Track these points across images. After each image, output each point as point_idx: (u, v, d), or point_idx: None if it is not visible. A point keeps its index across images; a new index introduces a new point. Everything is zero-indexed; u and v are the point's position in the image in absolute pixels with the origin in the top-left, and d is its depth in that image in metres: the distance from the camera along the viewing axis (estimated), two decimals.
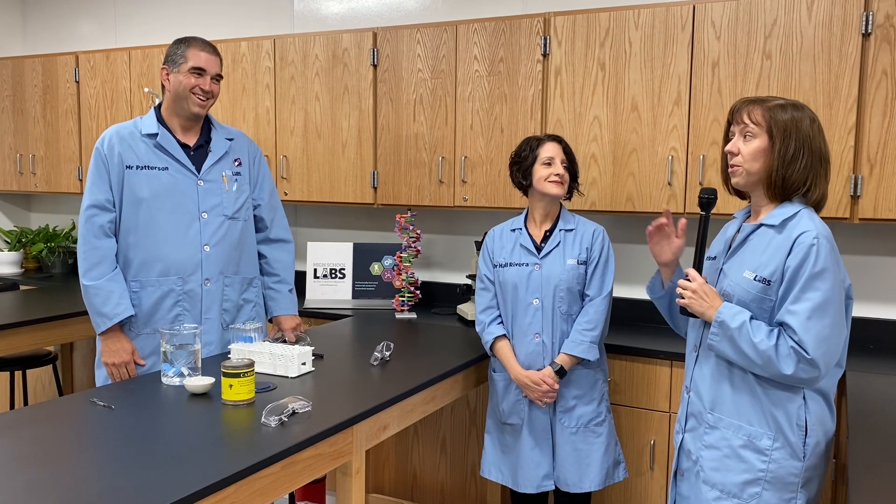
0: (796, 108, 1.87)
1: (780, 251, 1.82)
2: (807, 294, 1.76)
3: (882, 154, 2.69)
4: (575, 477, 2.56)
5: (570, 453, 2.56)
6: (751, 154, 1.88)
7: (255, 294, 2.81)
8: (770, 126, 1.85)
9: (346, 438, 2.03)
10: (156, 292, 2.58)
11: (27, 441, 1.76)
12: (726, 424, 1.90)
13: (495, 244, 2.69)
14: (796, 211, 1.86)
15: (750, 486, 1.85)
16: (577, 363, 2.55)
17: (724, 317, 1.84)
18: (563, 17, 3.13)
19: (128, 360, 2.54)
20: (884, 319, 3.02)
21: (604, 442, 2.58)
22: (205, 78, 2.57)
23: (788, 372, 1.77)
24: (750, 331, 1.80)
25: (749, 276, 1.85)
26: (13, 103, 4.60)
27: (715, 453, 1.91)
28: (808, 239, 1.78)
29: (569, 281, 2.55)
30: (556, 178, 2.56)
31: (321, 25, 4.08)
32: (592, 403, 2.58)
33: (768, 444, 1.84)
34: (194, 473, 1.59)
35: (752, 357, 1.81)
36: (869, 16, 2.66)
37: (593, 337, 2.53)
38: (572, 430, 2.56)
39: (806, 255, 1.77)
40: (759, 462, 1.84)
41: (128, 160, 2.56)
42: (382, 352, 2.59)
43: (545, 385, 2.51)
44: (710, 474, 1.91)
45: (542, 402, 2.55)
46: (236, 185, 2.70)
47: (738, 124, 1.91)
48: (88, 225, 2.53)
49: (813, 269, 1.76)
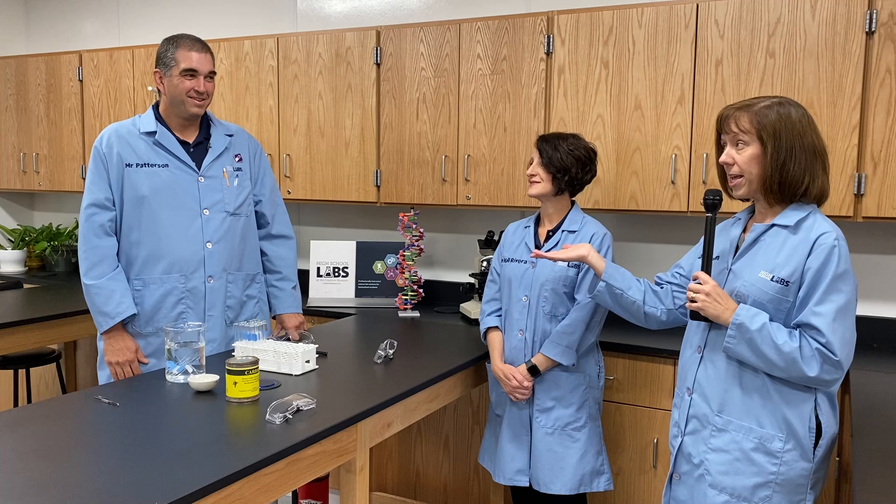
0: (781, 104, 1.85)
1: (798, 252, 1.81)
2: (831, 296, 1.77)
3: (886, 152, 2.69)
4: (546, 477, 2.55)
5: (544, 453, 2.56)
6: (746, 163, 1.87)
7: (258, 290, 2.81)
8: (759, 131, 1.84)
9: (351, 436, 2.03)
10: (158, 290, 2.58)
11: (32, 438, 1.77)
12: (736, 427, 1.88)
13: (507, 239, 2.72)
14: (808, 212, 1.85)
15: (761, 490, 1.84)
16: (554, 365, 2.54)
17: (742, 319, 1.82)
18: (567, 16, 3.13)
19: (132, 358, 2.54)
20: (888, 318, 3.02)
21: (581, 448, 2.55)
22: (198, 79, 2.55)
23: (813, 374, 1.76)
24: (771, 333, 1.79)
25: (766, 277, 1.83)
26: (17, 102, 4.61)
27: (724, 456, 1.89)
28: (830, 240, 1.78)
29: (555, 282, 2.54)
30: (532, 178, 2.58)
31: (324, 24, 4.08)
32: (571, 407, 2.56)
33: (780, 447, 1.83)
34: (199, 470, 1.59)
35: (773, 359, 1.79)
36: (873, 14, 2.66)
37: (570, 341, 2.51)
38: (548, 430, 2.56)
39: (828, 257, 1.77)
40: (770, 465, 1.83)
41: (127, 158, 2.55)
42: (386, 350, 2.59)
43: (514, 381, 2.54)
44: (719, 478, 1.89)
45: (514, 398, 2.57)
46: (237, 181, 2.70)
47: (728, 133, 1.90)
48: (89, 224, 2.52)
49: (836, 270, 1.77)
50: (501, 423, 2.66)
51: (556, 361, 2.52)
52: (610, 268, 2.21)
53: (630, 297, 2.17)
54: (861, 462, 1.69)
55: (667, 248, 3.38)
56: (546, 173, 2.56)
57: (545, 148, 2.57)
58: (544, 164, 2.56)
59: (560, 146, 2.55)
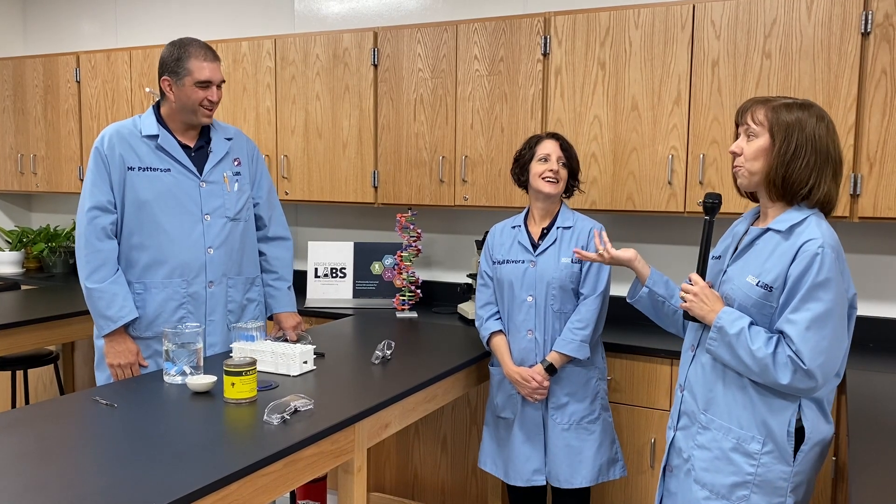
0: (802, 108, 1.83)
1: (783, 258, 1.80)
2: (808, 304, 1.74)
3: (881, 153, 2.70)
4: (566, 473, 2.57)
5: (561, 449, 2.57)
6: (752, 153, 1.86)
7: (257, 293, 2.82)
8: (772, 125, 1.83)
9: (348, 436, 2.04)
10: (160, 294, 2.57)
11: (30, 439, 1.77)
12: (717, 426, 1.89)
13: (495, 241, 2.71)
14: (804, 217, 1.82)
15: (738, 489, 1.85)
16: (568, 361, 2.56)
17: (722, 322, 1.84)
18: (564, 17, 3.14)
19: (133, 360, 2.54)
20: (884, 318, 3.03)
21: (597, 439, 2.58)
22: (211, 89, 2.55)
23: (785, 381, 1.76)
24: (748, 338, 1.79)
25: (751, 282, 1.84)
26: (14, 103, 4.61)
27: (706, 454, 1.91)
28: (813, 247, 1.75)
29: (561, 279, 2.56)
30: (550, 175, 2.57)
31: (322, 25, 4.09)
32: (585, 401, 2.59)
33: (757, 448, 1.83)
34: (197, 471, 1.60)
35: (748, 364, 1.80)
36: (868, 15, 2.66)
37: (584, 336, 2.53)
38: (564, 426, 2.57)
39: (809, 264, 1.74)
40: (747, 465, 1.84)
41: (129, 161, 2.53)
42: (383, 351, 2.60)
43: (534, 382, 2.53)
44: (701, 474, 1.92)
45: (533, 399, 2.57)
46: (237, 185, 2.70)
47: (743, 125, 1.90)
48: (91, 227, 2.50)
49: (815, 278, 1.73)
50: (512, 426, 2.64)
51: (570, 357, 2.53)
52: (654, 274, 2.20)
53: (673, 305, 2.17)
54: (857, 462, 1.69)
55: (663, 249, 3.39)
56: (564, 171, 2.61)
57: (567, 146, 2.64)
58: (564, 164, 2.61)
59: (572, 150, 2.66)
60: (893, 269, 3.02)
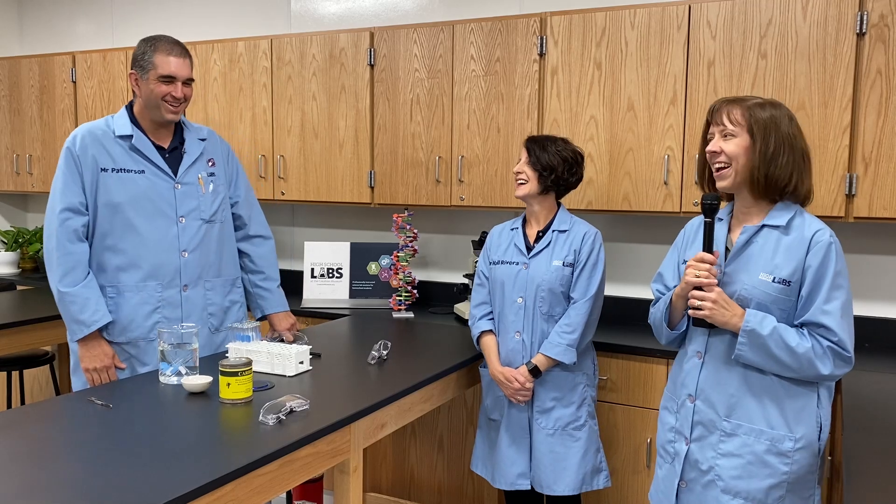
0: (774, 106, 1.88)
1: (794, 251, 1.82)
2: (835, 293, 1.80)
3: (877, 153, 2.71)
4: (549, 479, 2.55)
5: (545, 454, 2.56)
6: (733, 152, 1.87)
7: (239, 294, 2.78)
8: (750, 124, 1.85)
9: (344, 437, 2.04)
10: (133, 298, 2.51)
11: (25, 440, 1.77)
12: (746, 430, 1.88)
13: (493, 241, 2.72)
14: (795, 212, 1.87)
15: (775, 490, 1.85)
16: (554, 365, 2.55)
17: (752, 325, 1.81)
18: (560, 17, 3.14)
19: (109, 364, 2.48)
20: (879, 318, 3.03)
21: (582, 447, 2.56)
22: (175, 85, 2.47)
23: (826, 371, 1.79)
24: (783, 336, 1.80)
25: (767, 279, 1.84)
26: (10, 103, 4.60)
27: (736, 461, 1.88)
28: (826, 237, 1.82)
29: (551, 282, 2.55)
30: (518, 178, 2.59)
31: (318, 25, 4.08)
32: (571, 407, 2.57)
33: (790, 447, 1.84)
34: (192, 471, 1.60)
35: (786, 361, 1.80)
36: (863, 15, 2.67)
37: (571, 340, 2.51)
38: (549, 431, 2.56)
39: (827, 254, 1.80)
40: (782, 465, 1.85)
41: (102, 162, 2.46)
42: (380, 351, 2.59)
43: (516, 383, 2.53)
44: (732, 483, 1.89)
45: (516, 400, 2.56)
46: (212, 186, 2.65)
47: (718, 125, 1.91)
48: (63, 229, 2.42)
49: (836, 267, 1.80)
50: (499, 428, 2.64)
51: (556, 361, 2.52)
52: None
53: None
54: (852, 461, 1.70)
55: (659, 249, 3.39)
56: (532, 171, 2.57)
57: (533, 148, 2.60)
58: (531, 163, 2.58)
59: (548, 147, 2.59)
60: (888, 270, 3.03)
